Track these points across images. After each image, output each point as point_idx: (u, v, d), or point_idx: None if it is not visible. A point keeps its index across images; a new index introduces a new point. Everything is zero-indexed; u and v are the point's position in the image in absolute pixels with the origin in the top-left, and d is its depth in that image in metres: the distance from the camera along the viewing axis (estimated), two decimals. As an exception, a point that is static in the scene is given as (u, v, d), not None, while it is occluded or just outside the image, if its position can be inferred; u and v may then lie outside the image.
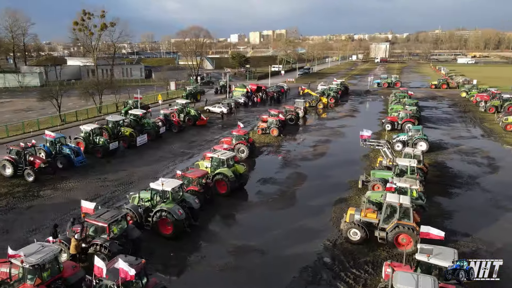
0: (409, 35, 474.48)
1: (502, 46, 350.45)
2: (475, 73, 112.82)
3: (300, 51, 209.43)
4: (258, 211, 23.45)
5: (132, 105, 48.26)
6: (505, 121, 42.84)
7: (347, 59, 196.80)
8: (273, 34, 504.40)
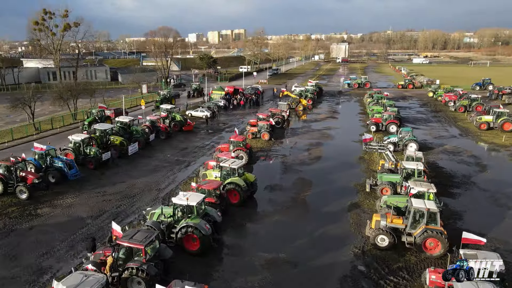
0: (363, 36, 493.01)
1: (449, 46, 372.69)
2: (432, 73, 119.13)
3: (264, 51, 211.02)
4: (275, 220, 23.19)
5: (97, 115, 44.09)
6: (479, 120, 45.52)
7: (310, 59, 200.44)
8: (232, 34, 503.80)
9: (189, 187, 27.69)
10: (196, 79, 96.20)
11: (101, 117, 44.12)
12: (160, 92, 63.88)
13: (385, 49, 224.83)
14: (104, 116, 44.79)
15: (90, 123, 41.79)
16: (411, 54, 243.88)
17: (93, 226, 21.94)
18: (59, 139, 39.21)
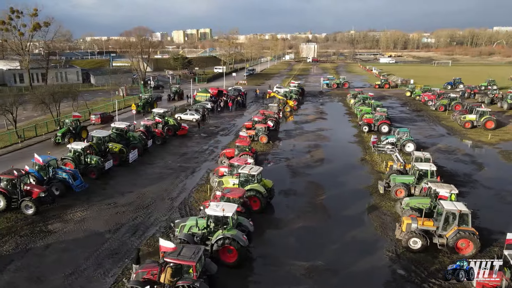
0: (328, 35, 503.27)
1: (409, 46, 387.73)
2: (401, 72, 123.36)
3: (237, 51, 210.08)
4: (300, 227, 23.03)
5: (71, 125, 39.41)
6: (463, 119, 47.62)
7: (281, 59, 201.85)
8: (197, 33, 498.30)
9: (202, 195, 27.19)
10: (173, 81, 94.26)
11: (76, 128, 39.71)
12: (142, 95, 61.51)
13: (353, 49, 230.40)
14: (79, 126, 40.42)
15: (64, 135, 38.19)
16: (376, 54, 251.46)
17: (114, 241, 20.83)
18: (46, 147, 37.19)
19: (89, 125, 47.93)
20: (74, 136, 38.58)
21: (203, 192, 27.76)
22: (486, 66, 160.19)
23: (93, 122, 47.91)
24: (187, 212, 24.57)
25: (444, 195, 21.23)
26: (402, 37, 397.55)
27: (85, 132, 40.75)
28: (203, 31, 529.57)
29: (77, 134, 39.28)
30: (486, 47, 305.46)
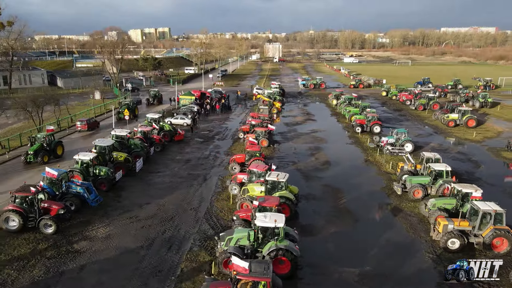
0: (288, 35, 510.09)
1: (366, 46, 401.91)
2: (368, 72, 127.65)
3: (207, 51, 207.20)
4: (333, 232, 23.13)
5: (44, 141, 34.13)
6: (447, 118, 50.08)
7: (247, 59, 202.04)
8: (155, 32, 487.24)
9: (224, 204, 26.63)
10: (147, 83, 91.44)
11: (50, 143, 34.60)
12: (121, 100, 58.41)
13: (317, 49, 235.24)
14: (54, 141, 35.29)
15: (37, 153, 33.24)
16: (338, 54, 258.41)
17: (152, 258, 19.85)
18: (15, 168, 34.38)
19: (74, 132, 45.55)
20: (48, 153, 33.96)
21: (224, 200, 27.19)
22: (442, 65, 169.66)
23: (79, 129, 45.42)
24: (215, 223, 23.92)
25: (477, 196, 22.13)
26: (359, 37, 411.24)
27: (61, 148, 35.89)
28: (162, 30, 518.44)
29: (51, 151, 34.53)
30: (436, 47, 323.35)
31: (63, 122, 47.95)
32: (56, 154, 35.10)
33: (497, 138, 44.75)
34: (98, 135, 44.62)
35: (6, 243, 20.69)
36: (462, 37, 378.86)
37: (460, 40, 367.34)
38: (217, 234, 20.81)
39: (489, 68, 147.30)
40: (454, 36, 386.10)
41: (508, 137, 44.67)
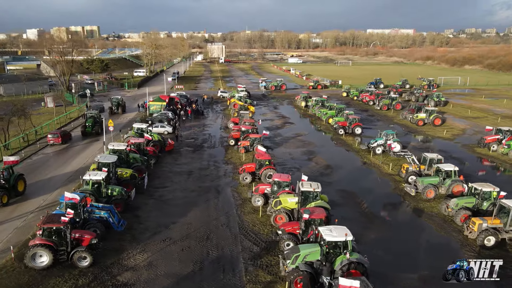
0: (224, 35, 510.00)
1: (301, 46, 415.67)
2: (316, 72, 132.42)
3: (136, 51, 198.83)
4: (374, 238, 23.54)
5: (1, 176, 26.93)
6: (416, 117, 53.63)
7: (191, 59, 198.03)
8: (83, 31, 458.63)
9: (253, 217, 25.92)
10: (99, 88, 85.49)
11: (9, 179, 27.23)
12: (87, 112, 49.69)
13: (262, 49, 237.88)
14: (14, 175, 27.71)
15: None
16: (279, 54, 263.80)
17: (211, 283, 18.72)
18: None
19: (46, 147, 41.22)
20: (8, 192, 26.79)
21: (250, 213, 26.44)
22: (379, 65, 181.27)
23: (51, 142, 41.14)
24: (255, 238, 23.16)
25: (502, 194, 23.96)
26: (294, 37, 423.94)
27: (22, 183, 28.51)
28: (89, 28, 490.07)
29: (12, 188, 27.25)
30: (366, 47, 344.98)
31: (30, 135, 43.10)
32: (17, 191, 27.75)
33: (463, 135, 48.92)
34: (75, 148, 40.98)
35: (40, 283, 18.14)
36: (386, 38, 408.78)
37: (385, 41, 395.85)
38: (265, 249, 20.43)
39: (420, 68, 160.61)
40: (380, 37, 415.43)
41: (471, 134, 49.19)
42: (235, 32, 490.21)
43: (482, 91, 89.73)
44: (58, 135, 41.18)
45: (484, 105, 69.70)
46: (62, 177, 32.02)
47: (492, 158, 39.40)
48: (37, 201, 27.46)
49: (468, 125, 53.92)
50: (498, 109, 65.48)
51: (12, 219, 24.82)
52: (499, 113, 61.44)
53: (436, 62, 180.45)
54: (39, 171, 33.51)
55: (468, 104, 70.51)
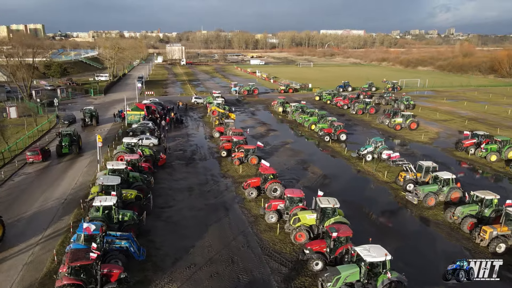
0: (180, 34, 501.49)
1: (259, 46, 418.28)
2: (281, 74, 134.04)
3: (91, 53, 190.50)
4: (398, 247, 23.86)
5: None
6: (394, 122, 55.84)
7: (152, 61, 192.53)
8: (26, 29, 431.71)
9: (271, 235, 25.72)
10: (63, 95, 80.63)
11: None
12: (62, 130, 43.56)
13: (221, 49, 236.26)
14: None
15: None
16: (238, 55, 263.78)
17: (253, 312, 18.36)
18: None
19: (25, 165, 38.28)
20: None
21: (267, 231, 26.20)
22: (339, 66, 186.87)
23: (30, 160, 38.22)
24: (280, 258, 22.97)
25: (509, 202, 25.50)
26: (251, 38, 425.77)
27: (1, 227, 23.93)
28: (33, 27, 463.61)
29: None
30: (322, 48, 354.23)
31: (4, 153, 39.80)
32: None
33: (439, 138, 51.63)
34: (59, 166, 38.41)
35: (72, 327, 16.82)
36: (339, 39, 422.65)
37: (338, 41, 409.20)
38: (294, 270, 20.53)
39: (377, 69, 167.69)
40: (333, 37, 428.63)
41: (446, 137, 52.04)
42: (191, 32, 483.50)
43: (442, 93, 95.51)
44: (38, 152, 38.36)
45: (448, 107, 74.06)
46: (55, 202, 29.77)
47: (471, 162, 41.90)
48: (38, 228, 25.44)
49: (440, 128, 57.02)
50: (461, 111, 69.85)
51: (20, 252, 22.80)
52: (464, 116, 65.58)
53: (391, 63, 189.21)
54: (27, 195, 31.01)
55: (433, 106, 74.59)
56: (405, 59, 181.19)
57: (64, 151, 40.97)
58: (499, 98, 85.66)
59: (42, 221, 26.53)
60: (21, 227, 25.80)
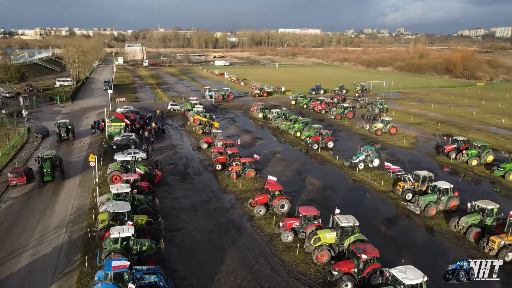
0: (136, 32, 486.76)
1: (219, 45, 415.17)
2: (248, 76, 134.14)
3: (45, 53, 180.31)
4: (414, 262, 25.05)
5: None
6: (375, 128, 57.62)
7: (112, 63, 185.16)
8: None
9: (293, 255, 25.73)
10: (27, 103, 75.32)
11: None
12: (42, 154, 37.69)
13: (179, 48, 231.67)
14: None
15: None
16: (201, 55, 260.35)
17: None
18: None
19: (7, 188, 35.55)
20: None
21: (286, 252, 26.17)
22: (303, 67, 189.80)
23: (14, 183, 35.44)
24: (308, 281, 23.05)
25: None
26: (211, 36, 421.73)
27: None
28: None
29: None
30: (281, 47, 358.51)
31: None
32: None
33: (418, 143, 53.93)
34: (47, 188, 35.90)
35: None
36: (298, 38, 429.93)
37: (297, 40, 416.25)
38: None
39: (340, 69, 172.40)
40: (292, 36, 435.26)
41: (424, 142, 54.46)
42: (147, 30, 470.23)
43: (407, 94, 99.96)
44: (22, 174, 35.68)
45: (417, 109, 77.59)
46: (56, 232, 27.78)
47: (454, 166, 44.20)
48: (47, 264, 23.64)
49: (417, 132, 59.61)
50: (431, 113, 73.45)
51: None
52: (434, 118, 69.05)
53: (353, 63, 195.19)
54: (21, 226, 28.68)
55: (404, 109, 77.85)
56: (366, 59, 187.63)
57: (46, 179, 36.20)
58: (460, 99, 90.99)
59: (48, 256, 24.69)
60: (25, 269, 23.76)
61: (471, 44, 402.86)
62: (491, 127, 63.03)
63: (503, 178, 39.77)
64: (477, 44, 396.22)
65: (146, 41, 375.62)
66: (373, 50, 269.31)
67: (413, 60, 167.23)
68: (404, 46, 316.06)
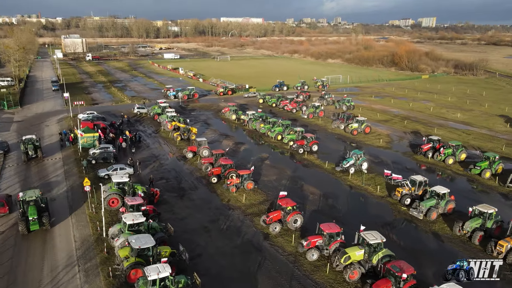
0: (67, 20, 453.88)
1: (161, 35, 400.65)
2: (204, 71, 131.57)
3: None
4: (430, 274, 26.42)
5: None
6: (351, 128, 59.39)
7: (51, 56, 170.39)
8: None
9: (322, 275, 25.96)
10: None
11: None
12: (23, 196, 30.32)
13: (126, 40, 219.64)
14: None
15: None
16: (145, 46, 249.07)
17: None
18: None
19: (-14, 220, 31.55)
20: None
21: (314, 271, 26.35)
22: (255, 59, 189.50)
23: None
24: (346, 301, 23.47)
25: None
26: (151, 25, 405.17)
27: None
28: None
29: None
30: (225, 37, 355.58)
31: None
32: None
33: (393, 142, 56.57)
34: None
35: None
36: (241, 27, 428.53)
37: (240, 30, 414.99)
38: None
39: (292, 61, 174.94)
40: (235, 25, 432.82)
41: (398, 140, 57.27)
42: (80, 18, 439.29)
43: (364, 89, 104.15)
44: (4, 203, 31.84)
45: (379, 105, 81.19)
46: (68, 272, 25.15)
47: (432, 165, 47.09)
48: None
49: (388, 130, 62.44)
50: (393, 109, 77.24)
51: None
52: (397, 114, 72.84)
53: (302, 55, 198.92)
54: (25, 267, 25.69)
55: (367, 105, 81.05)
56: (315, 51, 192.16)
57: (33, 228, 29.27)
58: (414, 93, 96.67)
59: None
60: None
61: (402, 33, 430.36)
62: (450, 122, 67.89)
63: (479, 176, 43.15)
64: (408, 34, 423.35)
65: (80, 29, 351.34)
66: (316, 40, 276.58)
67: (360, 52, 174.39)
68: (344, 36, 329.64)
